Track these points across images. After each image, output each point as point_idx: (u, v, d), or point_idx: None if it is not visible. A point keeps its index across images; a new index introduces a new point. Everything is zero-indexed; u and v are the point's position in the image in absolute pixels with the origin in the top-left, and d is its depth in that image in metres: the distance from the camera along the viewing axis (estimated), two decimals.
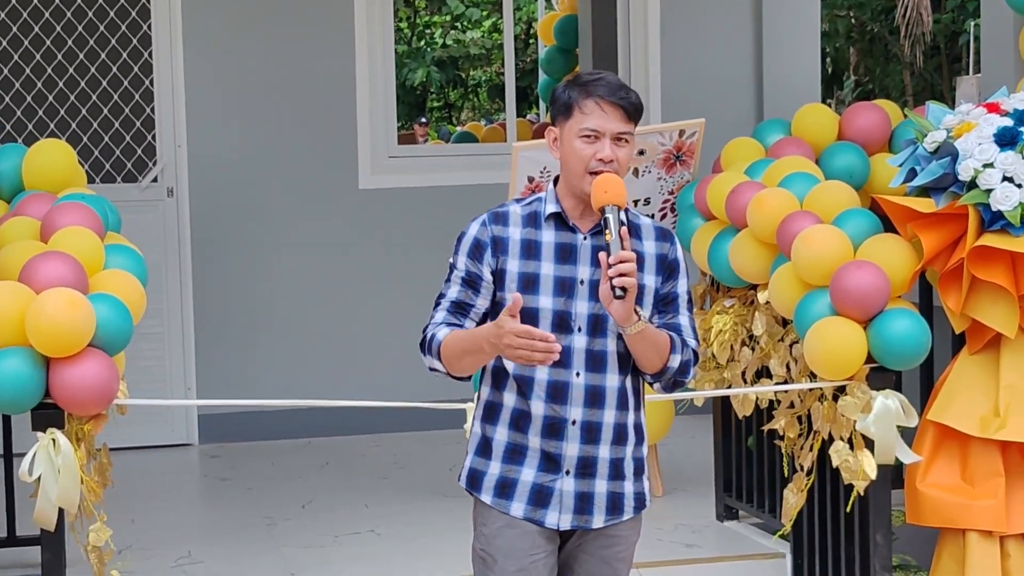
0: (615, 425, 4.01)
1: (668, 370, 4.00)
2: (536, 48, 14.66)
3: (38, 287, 4.93)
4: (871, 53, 19.30)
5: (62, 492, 4.86)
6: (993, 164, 5.39)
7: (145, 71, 8.47)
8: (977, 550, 5.43)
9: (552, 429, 3.98)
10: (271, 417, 8.49)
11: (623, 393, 4.02)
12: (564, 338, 3.94)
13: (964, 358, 5.59)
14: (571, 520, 4.01)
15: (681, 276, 4.08)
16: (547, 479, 4.00)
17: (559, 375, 3.97)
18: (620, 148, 3.96)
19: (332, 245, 8.71)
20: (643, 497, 4.10)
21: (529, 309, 3.95)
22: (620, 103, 3.95)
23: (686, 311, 4.08)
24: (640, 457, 4.10)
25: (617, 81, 4.00)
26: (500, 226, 4.04)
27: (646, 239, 4.04)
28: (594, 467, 4.00)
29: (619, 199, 3.89)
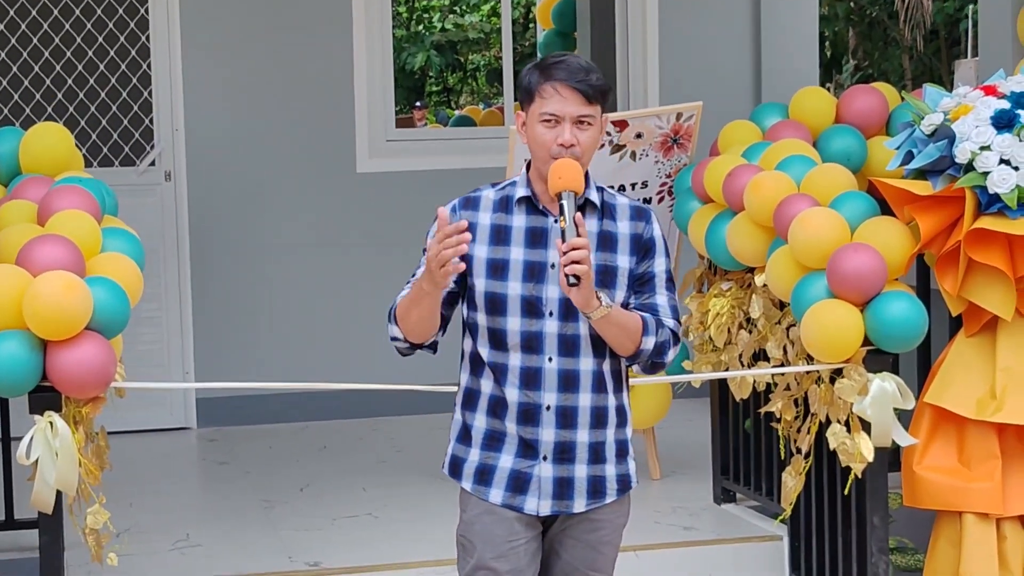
0: (592, 408, 3.98)
1: (642, 352, 3.95)
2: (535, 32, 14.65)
3: (35, 270, 4.93)
4: (870, 37, 19.28)
5: (60, 475, 4.86)
6: (990, 147, 5.39)
7: (143, 55, 8.47)
8: (974, 532, 5.44)
9: (527, 415, 3.96)
10: (269, 401, 8.49)
11: (599, 376, 3.98)
12: (535, 323, 3.93)
13: (961, 341, 5.60)
14: (551, 506, 4.00)
15: (658, 255, 4.02)
16: (525, 465, 3.98)
17: (531, 361, 3.95)
18: (582, 131, 3.92)
19: (330, 228, 8.71)
20: (627, 479, 4.07)
21: (498, 295, 3.95)
22: (578, 87, 3.90)
23: (664, 290, 4.02)
24: (623, 439, 4.07)
25: (578, 64, 3.94)
26: (470, 211, 4.02)
27: (620, 219, 4.00)
28: (572, 452, 3.98)
29: (574, 184, 3.85)
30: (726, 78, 9.14)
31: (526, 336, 3.94)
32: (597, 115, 3.95)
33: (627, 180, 6.85)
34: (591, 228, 3.96)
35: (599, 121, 3.97)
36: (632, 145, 6.75)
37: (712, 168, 6.29)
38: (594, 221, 3.97)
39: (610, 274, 3.95)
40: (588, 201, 3.98)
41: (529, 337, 3.94)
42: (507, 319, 3.96)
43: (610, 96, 4.00)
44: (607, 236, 3.97)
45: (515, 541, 4.02)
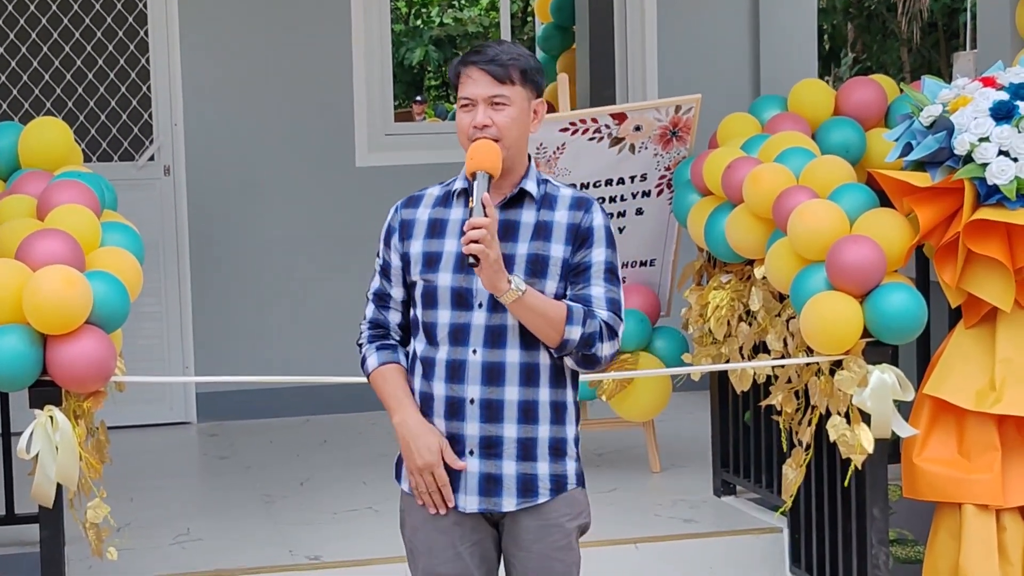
0: (520, 403, 3.87)
1: (568, 343, 3.83)
2: (534, 26, 14.64)
3: (35, 265, 4.93)
4: (869, 30, 19.29)
5: (61, 469, 4.86)
6: (989, 138, 5.39)
7: (141, 49, 8.46)
8: (973, 523, 5.44)
9: (452, 409, 3.89)
10: (269, 395, 8.50)
11: (528, 369, 3.88)
12: (464, 315, 3.88)
13: (960, 332, 5.60)
14: (478, 503, 3.90)
15: (596, 245, 3.90)
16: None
17: (457, 354, 3.88)
18: (497, 112, 3.88)
19: (329, 222, 8.71)
20: (563, 479, 3.93)
21: (429, 287, 3.92)
22: (487, 67, 3.88)
23: (602, 282, 3.89)
24: (562, 437, 3.94)
25: (493, 47, 3.92)
26: (410, 209, 4.02)
27: (559, 208, 3.92)
28: (499, 447, 3.88)
29: (485, 164, 3.82)
30: (725, 71, 9.14)
31: (454, 328, 3.89)
32: (517, 95, 3.89)
33: (626, 173, 6.85)
34: (527, 219, 3.91)
35: (523, 102, 3.91)
36: (631, 138, 6.75)
37: (711, 161, 6.29)
38: (532, 212, 3.92)
39: (541, 263, 3.88)
40: (524, 192, 3.94)
41: (456, 329, 3.88)
42: (438, 311, 3.91)
43: (533, 76, 3.92)
44: (542, 225, 3.90)
45: (461, 545, 3.94)
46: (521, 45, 4.03)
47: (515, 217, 3.92)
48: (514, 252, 3.88)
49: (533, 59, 3.95)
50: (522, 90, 3.91)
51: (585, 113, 6.77)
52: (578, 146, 6.72)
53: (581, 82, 10.74)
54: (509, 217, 3.92)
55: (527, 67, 3.92)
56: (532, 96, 3.94)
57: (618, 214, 6.95)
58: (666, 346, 7.05)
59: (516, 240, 3.90)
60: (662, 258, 7.16)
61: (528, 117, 3.94)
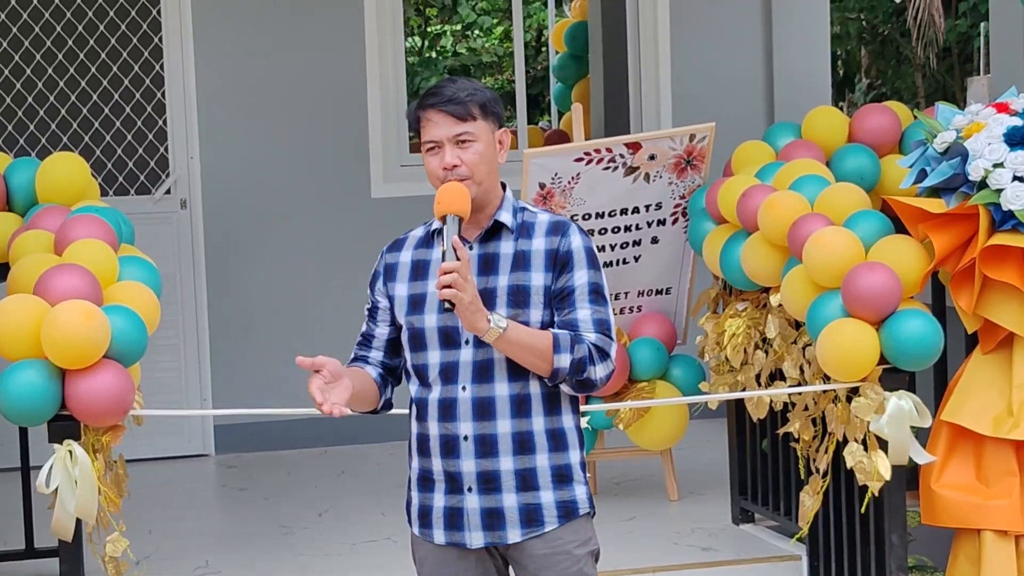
0: (514, 435, 3.85)
1: (559, 372, 3.80)
2: (548, 55, 14.68)
3: (53, 299, 4.96)
4: (883, 55, 19.28)
5: (80, 503, 4.87)
6: (1003, 164, 5.39)
7: (157, 83, 8.50)
8: (993, 550, 5.43)
9: (448, 448, 3.87)
10: (287, 427, 8.50)
11: (520, 400, 3.86)
12: (452, 353, 3.87)
13: (977, 358, 5.59)
14: (483, 537, 3.88)
15: (577, 268, 3.86)
16: (455, 500, 3.89)
17: (447, 392, 3.87)
18: (464, 150, 3.88)
19: (345, 254, 8.73)
20: (572, 505, 3.91)
21: (417, 329, 3.92)
22: (445, 108, 3.87)
23: (587, 304, 3.85)
24: (565, 464, 3.91)
25: (447, 87, 3.89)
26: (393, 252, 4.06)
27: (536, 236, 3.89)
28: (497, 481, 3.85)
29: (453, 207, 3.81)
30: (738, 98, 9.16)
31: (444, 367, 3.88)
32: (480, 130, 3.89)
33: (641, 202, 6.86)
34: (506, 250, 3.90)
35: (487, 135, 3.90)
36: (646, 167, 6.76)
37: (726, 189, 6.30)
38: (510, 242, 3.91)
39: (522, 294, 3.86)
40: (498, 223, 3.92)
41: (446, 368, 3.87)
42: (427, 353, 3.91)
43: (492, 108, 3.90)
44: (520, 255, 3.88)
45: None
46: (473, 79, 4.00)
47: (494, 249, 3.91)
48: (495, 285, 3.87)
49: (488, 91, 3.94)
50: (484, 123, 3.90)
51: (600, 143, 6.78)
52: (593, 176, 6.73)
53: (595, 111, 10.77)
54: (487, 250, 3.91)
55: (485, 100, 3.90)
56: (495, 127, 3.93)
57: (633, 243, 6.96)
58: (683, 374, 7.05)
59: (496, 272, 3.88)
60: (678, 286, 7.17)
61: (494, 149, 3.93)
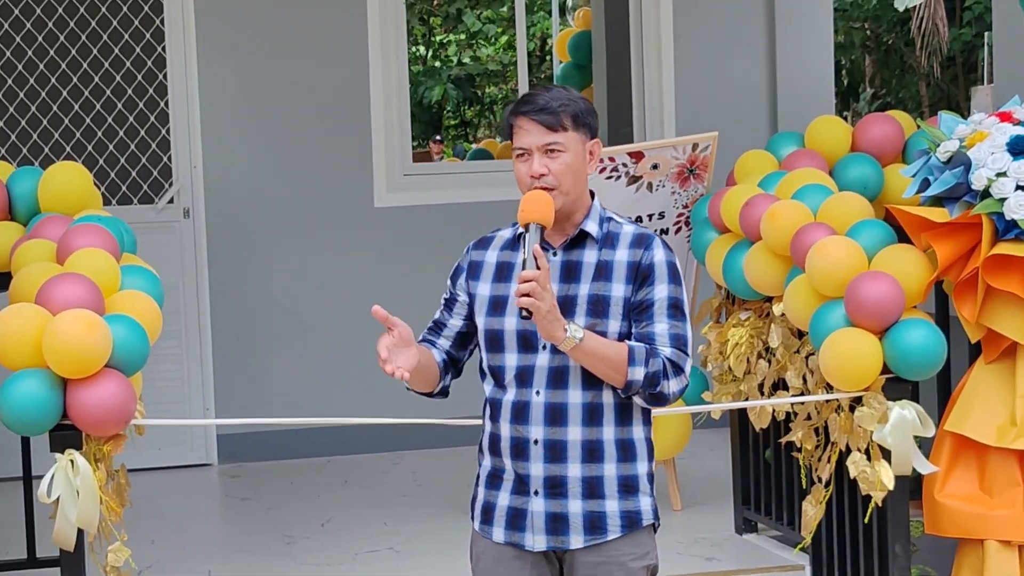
0: (584, 443, 3.89)
1: (632, 384, 3.84)
2: (552, 64, 14.68)
3: (55, 309, 4.95)
4: (887, 65, 19.30)
5: (82, 513, 4.87)
6: (1006, 173, 5.39)
7: (160, 93, 8.51)
8: (996, 560, 5.41)
9: (518, 450, 3.92)
10: (290, 436, 8.50)
11: (592, 409, 3.90)
12: (529, 357, 3.92)
13: (980, 367, 5.59)
14: (546, 542, 3.92)
15: (658, 282, 3.91)
16: (520, 501, 3.94)
17: (521, 395, 3.92)
18: (552, 160, 3.90)
19: (349, 263, 8.73)
20: (636, 516, 3.94)
21: (496, 331, 3.96)
22: (536, 117, 3.90)
23: (665, 318, 3.90)
24: (632, 475, 3.94)
25: (542, 95, 3.93)
26: (480, 251, 4.06)
27: (620, 247, 3.94)
28: (563, 487, 3.90)
29: (536, 216, 3.83)
30: (742, 108, 9.15)
31: (520, 371, 3.93)
32: (570, 141, 3.91)
33: (644, 211, 6.86)
34: (589, 259, 3.93)
35: (577, 146, 3.92)
36: (648, 176, 6.76)
37: (729, 198, 6.29)
38: (594, 251, 3.94)
39: (602, 304, 3.90)
40: (583, 232, 3.96)
41: (522, 371, 3.92)
42: (504, 355, 3.96)
43: (584, 119, 3.93)
44: (603, 265, 3.92)
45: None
46: (571, 89, 4.02)
47: (577, 258, 3.95)
48: (576, 293, 3.91)
49: (583, 101, 3.97)
50: (575, 135, 3.92)
51: (603, 152, 6.77)
52: (596, 185, 6.67)
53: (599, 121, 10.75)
54: (571, 258, 3.95)
55: (578, 111, 3.93)
56: (586, 138, 3.96)
57: None
58: None
59: (579, 281, 3.92)
60: None
61: (584, 160, 3.96)
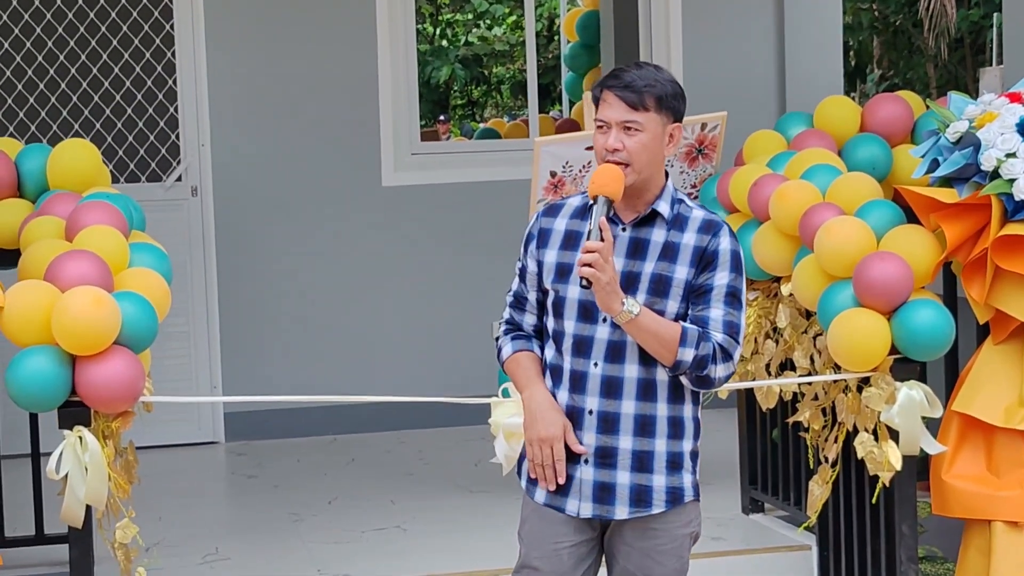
0: (636, 416, 3.99)
1: (680, 364, 3.94)
2: (560, 44, 14.67)
3: (63, 286, 4.95)
4: (895, 46, 19.25)
5: (90, 489, 4.88)
6: (1016, 154, 5.38)
7: (168, 71, 8.50)
8: (1003, 541, 5.41)
9: (572, 418, 4.02)
10: (297, 414, 8.51)
11: (647, 384, 4.00)
12: (589, 327, 4.00)
13: (988, 348, 5.58)
14: (591, 509, 4.03)
15: (720, 269, 3.99)
16: (569, 467, 4.03)
17: (579, 365, 4.01)
18: (629, 137, 3.98)
19: (356, 242, 8.73)
20: (680, 491, 4.04)
21: (560, 297, 4.04)
22: (620, 94, 3.98)
23: (722, 304, 3.99)
24: (679, 451, 4.04)
25: (629, 72, 4.01)
26: (549, 217, 4.13)
27: (688, 231, 4.01)
28: (614, 457, 4.00)
29: (606, 190, 3.94)
30: (750, 88, 9.14)
31: (578, 340, 4.02)
32: (650, 121, 3.98)
33: None
34: (657, 238, 4.01)
35: (656, 127, 3.99)
36: None
37: (737, 178, 6.29)
38: (662, 231, 4.01)
39: (664, 284, 3.98)
40: (655, 212, 4.02)
41: (580, 341, 4.01)
42: (565, 322, 4.04)
43: (669, 102, 4.00)
44: (669, 246, 4.00)
45: (560, 543, 4.06)
46: (663, 69, 4.08)
47: (646, 236, 4.02)
48: (641, 270, 3.99)
49: (672, 84, 4.04)
50: (656, 116, 4.00)
51: None
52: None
53: None
54: (640, 235, 4.02)
55: (663, 94, 4.00)
56: (668, 121, 4.03)
57: None
58: None
59: (644, 259, 4.00)
60: None
61: (662, 142, 4.02)
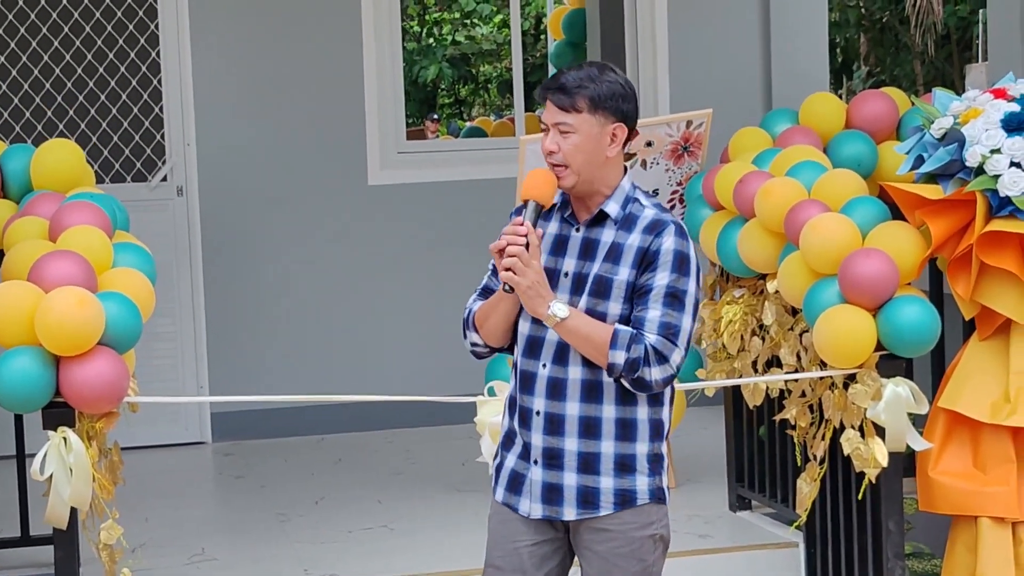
0: (581, 418, 3.96)
1: (613, 367, 3.88)
2: (546, 43, 14.67)
3: (47, 286, 4.94)
4: (882, 43, 19.26)
5: (74, 491, 4.87)
6: (1000, 150, 5.39)
7: (153, 70, 8.48)
8: (989, 537, 5.42)
9: (523, 418, 4.04)
10: (284, 414, 8.50)
11: (591, 386, 3.95)
12: (540, 329, 4.00)
13: (974, 344, 5.59)
14: (541, 510, 4.03)
15: (661, 269, 3.91)
16: (522, 467, 4.06)
17: (529, 366, 4.02)
18: (563, 138, 3.95)
19: (342, 241, 8.72)
20: (631, 493, 3.99)
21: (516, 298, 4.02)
22: (551, 95, 3.96)
23: (660, 306, 3.90)
24: (630, 454, 3.99)
25: (566, 75, 3.97)
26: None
27: (634, 231, 3.96)
28: (560, 459, 3.98)
29: (534, 193, 3.95)
30: (736, 85, 9.14)
31: (530, 340, 4.03)
32: (582, 123, 3.93)
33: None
34: (606, 239, 3.98)
35: (591, 128, 3.94)
36: (643, 153, 6.75)
37: (723, 175, 6.28)
38: (611, 232, 3.99)
39: (605, 285, 3.94)
40: (603, 213, 4.00)
41: (532, 342, 4.02)
42: (521, 322, 4.06)
43: (606, 102, 3.93)
44: (615, 247, 3.96)
45: (519, 543, 4.06)
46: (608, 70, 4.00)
47: (596, 236, 4.01)
48: (589, 271, 3.98)
49: (611, 84, 3.95)
50: (590, 117, 3.94)
51: None
52: None
53: None
54: (591, 236, 4.01)
55: (597, 94, 3.94)
56: (607, 121, 3.96)
57: None
58: None
59: (593, 260, 3.98)
60: None
61: (601, 142, 3.96)
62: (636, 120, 4.03)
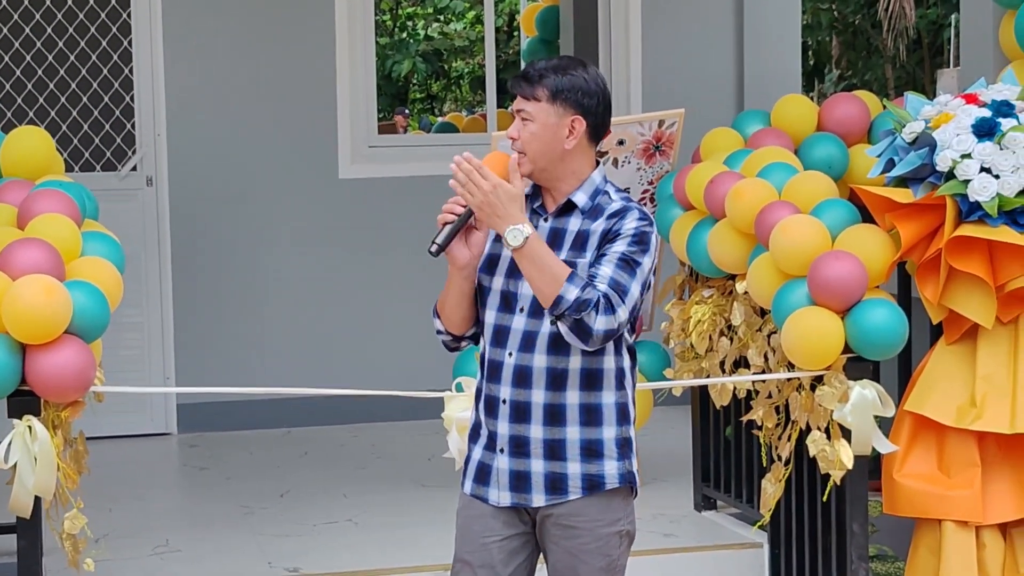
0: (546, 405, 4.00)
1: (562, 301, 3.85)
2: (519, 40, 14.65)
3: (14, 274, 4.92)
4: (854, 46, 19.30)
5: (38, 480, 4.84)
6: (971, 155, 5.40)
7: (125, 59, 8.46)
8: (953, 540, 5.44)
9: (489, 408, 4.08)
10: (250, 407, 8.47)
11: (555, 374, 3.99)
12: (507, 318, 4.04)
13: (941, 348, 5.60)
14: (510, 498, 4.06)
15: (620, 241, 3.94)
16: (488, 457, 4.09)
17: (496, 355, 4.06)
18: (523, 126, 4.01)
19: (312, 234, 8.70)
20: (599, 478, 4.04)
21: (484, 288, 4.09)
22: (515, 84, 4.03)
23: (612, 266, 3.91)
24: (597, 439, 4.03)
25: (536, 64, 4.03)
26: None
27: (600, 218, 4.00)
28: (527, 447, 4.03)
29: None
30: (708, 85, 9.15)
31: (497, 329, 4.06)
32: (541, 112, 3.98)
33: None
34: (573, 227, 4.02)
35: (549, 118, 3.98)
36: (614, 152, 6.75)
37: (694, 175, 6.29)
38: (578, 221, 4.03)
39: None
40: (570, 203, 4.04)
41: (499, 331, 4.05)
42: (487, 311, 4.09)
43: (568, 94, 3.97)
44: (581, 235, 4.01)
45: (488, 537, 4.09)
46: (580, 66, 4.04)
47: (563, 226, 4.06)
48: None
49: (576, 78, 3.99)
50: (549, 107, 3.98)
51: None
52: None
53: None
54: (559, 225, 4.05)
55: (559, 85, 3.98)
56: (568, 113, 3.99)
57: None
58: (647, 361, 7.04)
59: (561, 248, 4.01)
60: None
61: (557, 133, 4.00)
62: (602, 116, 4.05)
